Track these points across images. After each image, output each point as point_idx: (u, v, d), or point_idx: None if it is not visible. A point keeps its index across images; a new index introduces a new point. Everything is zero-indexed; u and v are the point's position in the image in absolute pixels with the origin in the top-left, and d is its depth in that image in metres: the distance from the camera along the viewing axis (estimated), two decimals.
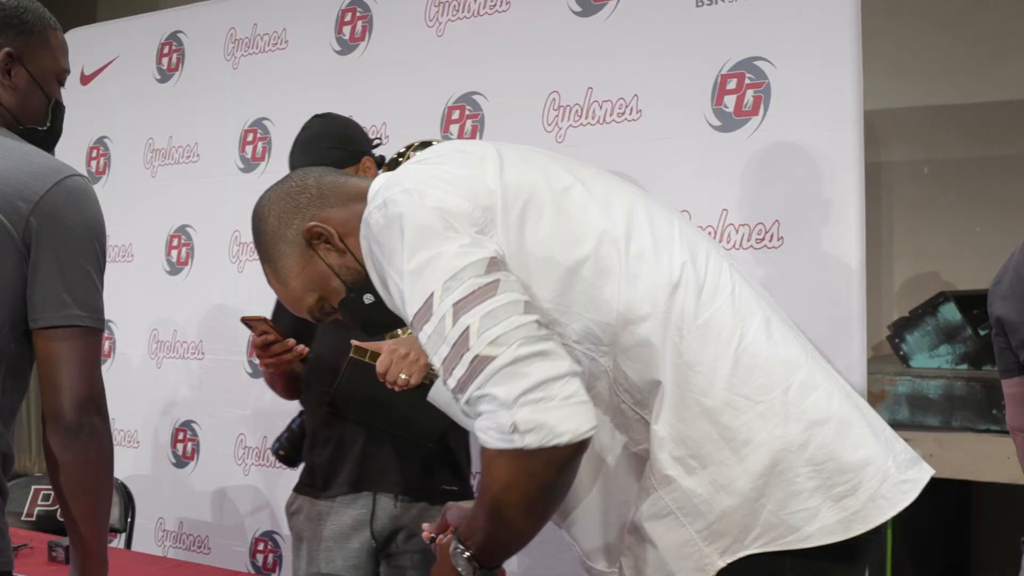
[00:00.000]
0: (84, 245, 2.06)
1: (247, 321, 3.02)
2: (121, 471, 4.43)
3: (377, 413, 2.94)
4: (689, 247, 1.81)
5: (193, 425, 4.74)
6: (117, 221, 4.93)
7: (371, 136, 3.27)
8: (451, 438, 3.06)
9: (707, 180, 3.31)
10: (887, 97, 4.53)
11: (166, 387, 4.83)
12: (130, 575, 3.03)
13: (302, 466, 3.27)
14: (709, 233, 3.24)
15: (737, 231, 3.24)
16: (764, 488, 1.67)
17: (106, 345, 5.06)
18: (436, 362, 1.66)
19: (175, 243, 4.79)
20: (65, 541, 3.23)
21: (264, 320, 2.98)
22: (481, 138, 3.74)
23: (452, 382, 1.64)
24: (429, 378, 2.74)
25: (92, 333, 2.04)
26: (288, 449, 3.31)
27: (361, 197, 1.89)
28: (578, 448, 1.59)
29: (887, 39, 4.39)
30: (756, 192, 3.23)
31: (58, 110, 2.29)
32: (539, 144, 3.52)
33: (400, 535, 3.08)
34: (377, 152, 3.22)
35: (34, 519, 4.01)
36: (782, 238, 3.19)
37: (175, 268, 4.79)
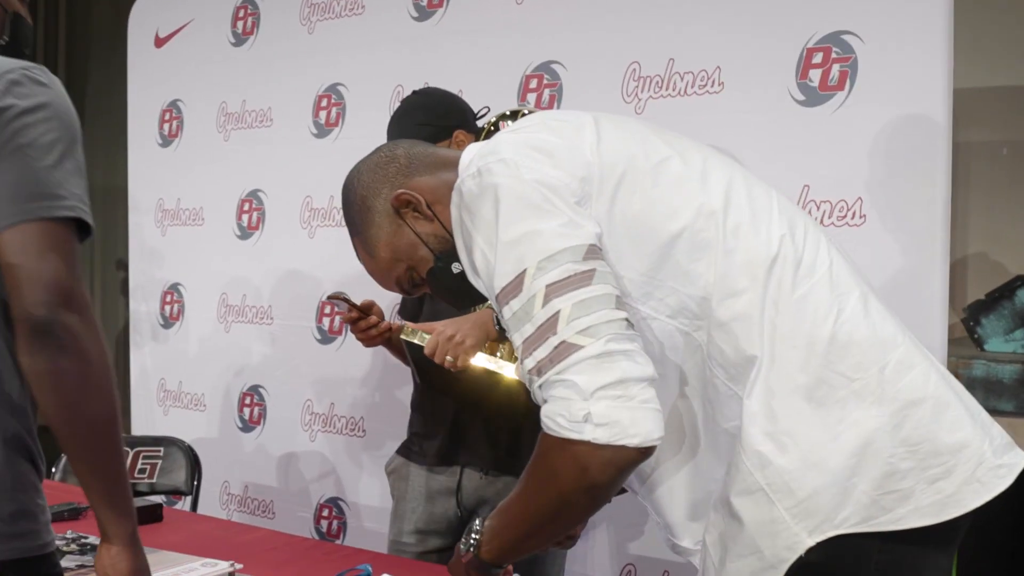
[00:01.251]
0: (42, 126, 1.67)
1: (332, 298, 3.06)
2: (188, 434, 4.48)
3: (454, 390, 2.97)
4: (788, 221, 1.79)
5: (260, 390, 4.75)
6: (189, 184, 4.99)
7: (475, 109, 3.24)
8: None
9: (789, 155, 3.25)
10: (966, 76, 4.43)
11: (234, 351, 4.85)
12: (196, 538, 3.04)
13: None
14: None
15: (818, 208, 3.19)
16: (857, 467, 1.64)
17: (175, 308, 5.09)
18: (517, 340, 1.66)
19: (246, 208, 4.80)
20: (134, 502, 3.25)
21: (344, 297, 3.00)
22: (559, 108, 3.71)
23: (531, 363, 1.63)
24: (480, 360, 2.75)
25: (60, 224, 1.64)
26: None
27: (452, 166, 1.89)
28: (643, 454, 1.59)
29: (968, 17, 4.30)
30: (839, 169, 3.18)
31: (19, 23, 2.00)
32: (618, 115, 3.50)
33: (485, 508, 3.10)
34: (482, 123, 3.20)
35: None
36: (864, 216, 3.13)
37: (246, 233, 4.79)
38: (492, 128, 3.04)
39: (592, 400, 1.56)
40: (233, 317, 4.83)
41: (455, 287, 1.92)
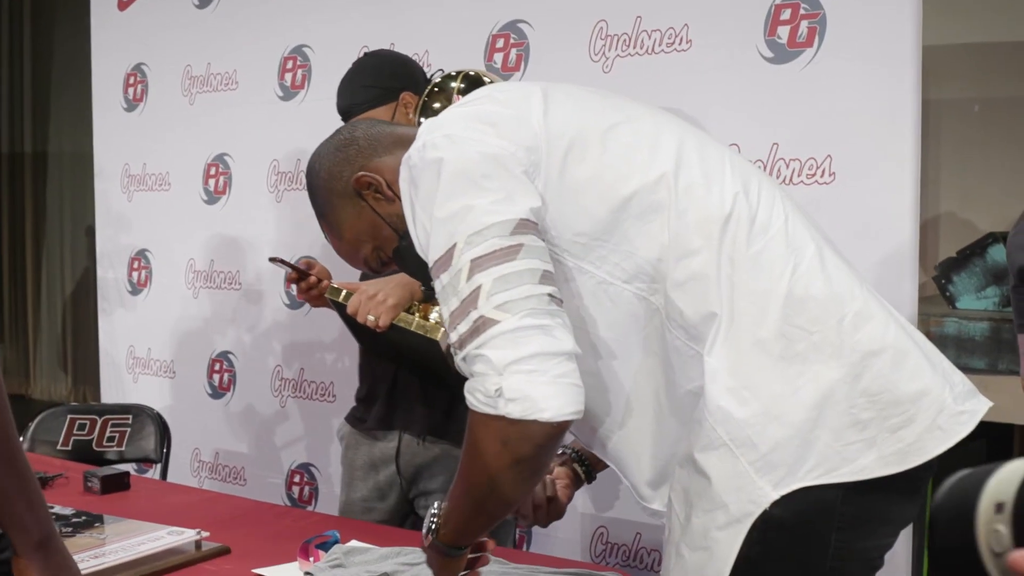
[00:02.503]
0: None
1: (272, 261, 3.09)
2: (157, 401, 4.46)
3: (386, 350, 3.00)
4: (741, 179, 1.79)
5: (230, 356, 4.73)
6: (154, 149, 4.94)
7: (442, 68, 3.23)
8: None
9: (758, 113, 3.23)
10: (938, 33, 4.42)
11: (203, 318, 4.82)
12: (166, 506, 3.02)
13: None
14: (759, 167, 3.17)
15: (788, 166, 3.17)
16: (818, 419, 1.65)
17: (143, 274, 5.05)
18: (445, 313, 1.68)
19: (213, 172, 4.75)
20: (101, 471, 3.23)
21: (282, 260, 3.02)
22: (525, 67, 3.68)
23: (454, 336, 1.66)
24: (403, 321, 2.75)
25: None
26: None
27: (408, 143, 1.88)
28: (558, 428, 1.60)
29: None
30: (808, 126, 3.16)
31: None
32: (585, 74, 3.48)
33: (424, 475, 3.12)
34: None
35: (69, 448, 4.01)
36: (833, 174, 3.12)
37: (212, 197, 4.75)
38: (435, 89, 3.03)
39: (505, 375, 1.59)
40: (201, 283, 4.79)
41: (421, 264, 1.91)
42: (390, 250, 1.98)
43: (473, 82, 3.04)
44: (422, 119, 3.00)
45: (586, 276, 1.74)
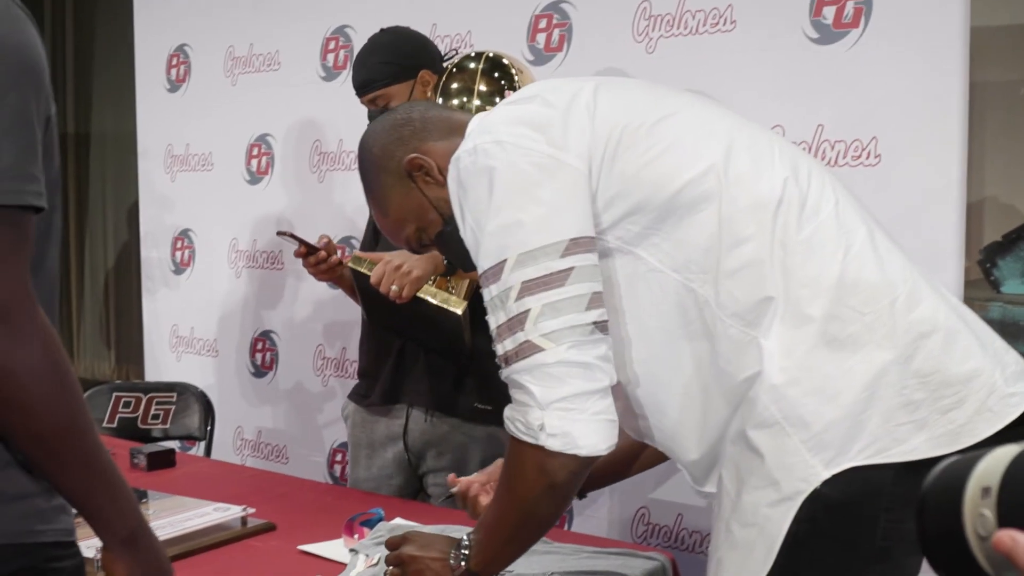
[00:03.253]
0: (3, 66, 1.31)
1: (281, 235, 3.12)
2: (200, 380, 4.49)
3: (398, 323, 3.00)
4: (790, 164, 1.81)
5: (272, 335, 4.75)
6: (197, 129, 4.96)
7: (443, 50, 3.30)
8: (486, 360, 3.09)
9: (803, 94, 3.22)
10: (985, 13, 4.37)
11: (245, 297, 4.85)
12: (211, 483, 3.05)
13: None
14: (804, 149, 3.16)
15: (833, 147, 3.16)
16: (870, 400, 1.66)
17: (186, 254, 5.08)
18: (492, 323, 1.77)
19: (255, 152, 4.77)
20: (147, 448, 3.26)
21: (290, 234, 3.05)
22: (568, 48, 3.67)
23: (500, 350, 1.76)
24: (426, 293, 2.75)
25: (5, 214, 1.29)
26: None
27: (462, 131, 1.92)
28: (591, 460, 1.74)
29: None
30: (854, 108, 3.14)
31: None
32: (628, 56, 3.47)
33: (431, 452, 3.12)
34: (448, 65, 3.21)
35: (115, 426, 4.05)
36: (879, 156, 3.10)
37: (255, 178, 4.77)
38: (454, 69, 3.05)
39: (547, 411, 1.70)
40: (244, 263, 4.82)
41: (463, 250, 1.94)
42: (433, 233, 2.01)
43: (493, 64, 3.06)
44: (440, 99, 3.02)
45: (639, 263, 1.77)
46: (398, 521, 2.55)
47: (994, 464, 0.82)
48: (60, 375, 1.34)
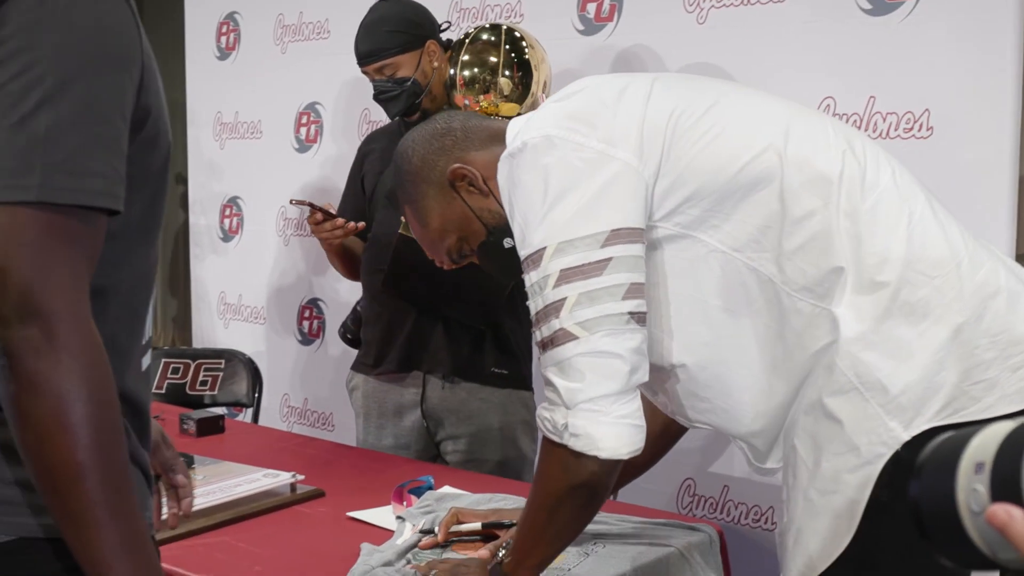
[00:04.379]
0: (74, 50, 1.19)
1: (295, 203, 3.19)
2: (247, 347, 4.52)
3: (429, 291, 3.01)
4: (845, 139, 1.83)
5: (320, 303, 4.77)
6: (247, 98, 4.98)
7: (440, 21, 3.33)
8: (507, 322, 3.13)
9: (854, 66, 3.18)
10: None
11: (293, 265, 4.87)
12: (260, 449, 3.08)
13: None
14: (855, 122, 3.14)
15: (884, 120, 3.13)
16: (945, 360, 1.69)
17: (234, 221, 5.11)
18: (531, 308, 1.80)
19: (304, 121, 4.78)
20: (196, 414, 3.29)
21: (309, 202, 3.10)
22: (619, 19, 3.65)
23: (537, 335, 1.79)
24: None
25: (14, 209, 1.16)
26: (354, 331, 3.44)
27: (501, 138, 1.95)
28: (614, 464, 1.76)
29: None
30: (905, 80, 3.10)
31: None
32: (679, 25, 3.46)
33: (450, 419, 3.16)
34: (444, 36, 3.26)
35: (163, 392, 4.10)
36: (931, 128, 3.07)
37: (303, 146, 4.78)
38: (466, 40, 3.14)
39: (573, 411, 1.73)
40: (292, 230, 4.84)
41: (504, 262, 1.99)
42: (476, 243, 2.03)
43: (506, 35, 3.08)
44: (452, 70, 3.06)
45: (699, 245, 1.79)
46: (446, 489, 2.57)
47: (989, 439, 0.83)
48: (94, 406, 1.19)
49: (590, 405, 1.72)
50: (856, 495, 1.71)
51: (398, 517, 2.38)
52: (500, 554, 1.97)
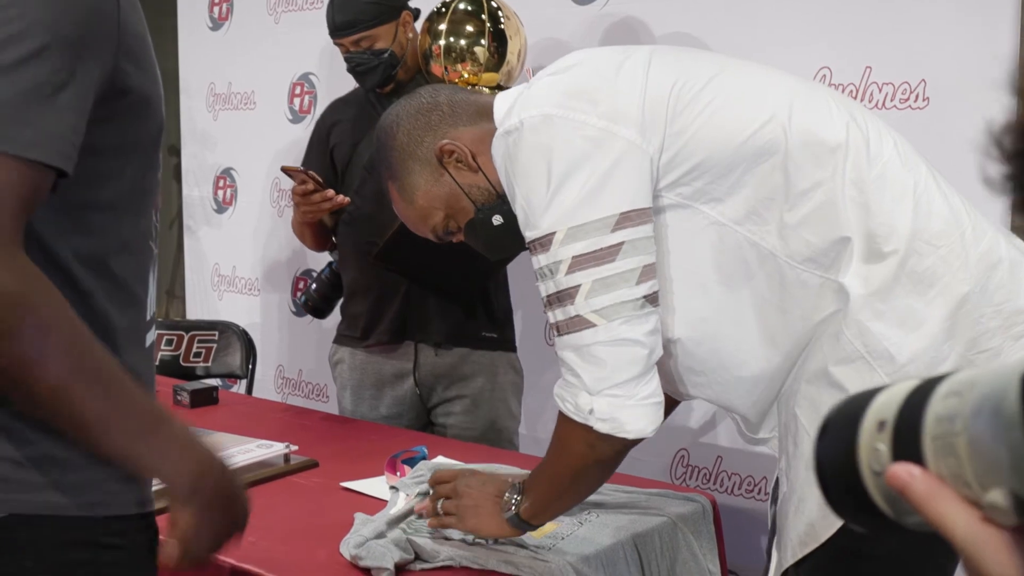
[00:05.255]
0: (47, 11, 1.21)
1: (287, 170, 3.08)
2: (241, 318, 4.51)
3: (426, 263, 3.00)
4: (847, 110, 1.82)
5: (314, 274, 4.75)
6: (240, 68, 4.96)
7: None
8: (490, 285, 3.15)
9: (850, 36, 3.17)
10: None
11: (287, 236, 4.84)
12: (254, 420, 3.08)
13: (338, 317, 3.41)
14: (851, 92, 3.13)
15: (880, 90, 3.12)
16: (952, 329, 1.69)
17: (228, 193, 5.09)
18: (541, 289, 1.79)
19: (298, 91, 4.76)
20: (190, 385, 3.29)
21: (304, 170, 3.02)
22: None
23: (551, 318, 1.79)
24: None
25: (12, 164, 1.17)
26: (316, 300, 3.44)
27: (490, 114, 1.93)
28: (637, 443, 1.80)
29: None
30: (902, 50, 3.09)
31: None
32: None
33: (440, 384, 3.19)
34: (412, 5, 3.25)
35: (157, 363, 4.07)
36: (928, 99, 3.06)
37: (297, 116, 4.77)
38: (441, 10, 3.13)
39: (596, 397, 1.75)
40: (286, 202, 4.82)
41: (493, 239, 1.98)
42: (463, 221, 2.00)
43: (485, 5, 3.07)
44: (432, 41, 3.03)
45: (699, 217, 1.77)
46: (439, 459, 2.56)
47: (892, 396, 0.78)
48: (43, 322, 1.17)
49: (614, 391, 1.75)
50: None
51: (391, 487, 2.38)
52: (513, 498, 1.96)
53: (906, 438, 0.74)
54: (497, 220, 1.94)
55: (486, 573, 1.97)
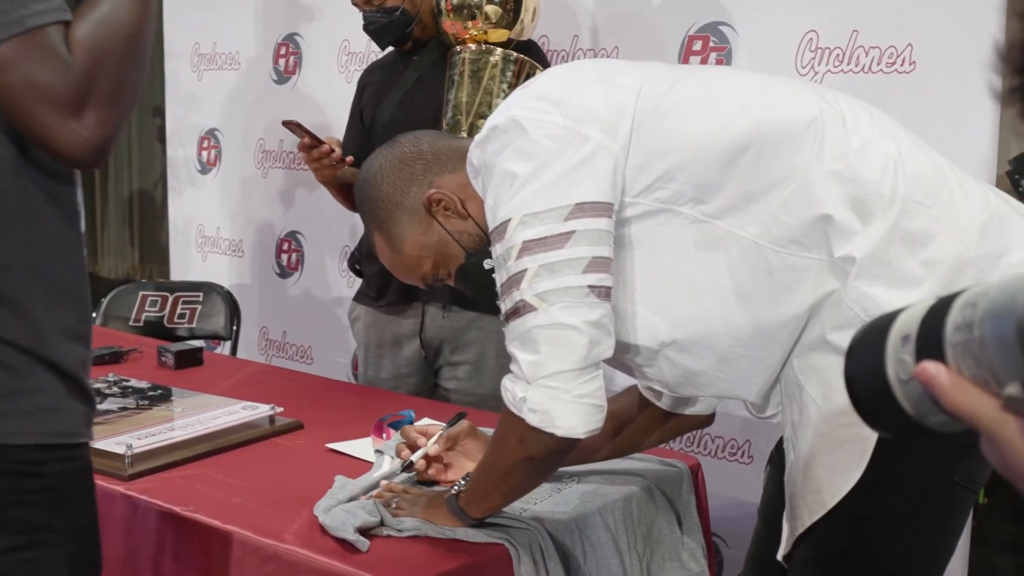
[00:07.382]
0: None
1: (287, 124, 3.10)
2: (225, 280, 4.51)
3: None
4: (814, 90, 1.85)
5: (298, 236, 4.76)
6: (224, 27, 4.93)
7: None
8: None
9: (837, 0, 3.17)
10: None
11: (271, 197, 4.85)
12: (239, 381, 3.08)
13: None
14: (838, 56, 3.13)
15: (867, 54, 3.11)
16: (951, 288, 1.67)
17: (212, 154, 5.08)
18: (497, 279, 1.81)
19: (283, 52, 4.74)
20: (174, 346, 3.29)
21: (298, 124, 3.01)
22: None
23: (502, 306, 1.80)
24: None
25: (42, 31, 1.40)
26: (359, 260, 3.44)
27: None
28: (569, 443, 1.77)
29: None
30: (889, 14, 3.08)
31: None
32: None
33: (447, 347, 3.21)
34: None
35: (142, 324, 4.09)
36: (914, 63, 3.05)
37: (282, 77, 4.75)
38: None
39: (532, 386, 1.74)
40: (270, 163, 4.81)
41: (484, 283, 1.97)
42: (453, 267, 2.01)
43: None
44: (448, 16, 3.03)
45: (679, 218, 1.78)
46: (426, 421, 2.57)
47: (913, 313, 0.88)
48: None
49: (549, 381, 1.73)
50: (867, 429, 1.71)
51: (377, 451, 2.37)
52: (458, 485, 2.00)
53: (929, 347, 0.85)
54: (488, 264, 1.94)
55: (456, 542, 1.97)
